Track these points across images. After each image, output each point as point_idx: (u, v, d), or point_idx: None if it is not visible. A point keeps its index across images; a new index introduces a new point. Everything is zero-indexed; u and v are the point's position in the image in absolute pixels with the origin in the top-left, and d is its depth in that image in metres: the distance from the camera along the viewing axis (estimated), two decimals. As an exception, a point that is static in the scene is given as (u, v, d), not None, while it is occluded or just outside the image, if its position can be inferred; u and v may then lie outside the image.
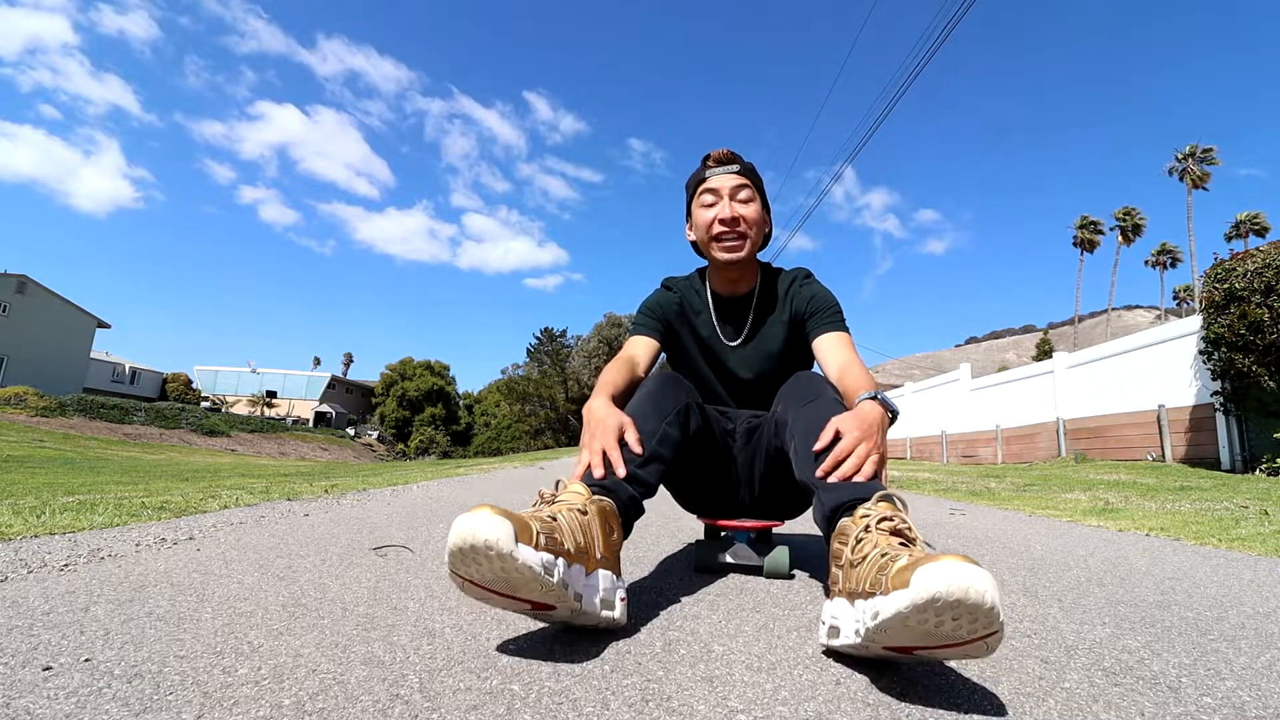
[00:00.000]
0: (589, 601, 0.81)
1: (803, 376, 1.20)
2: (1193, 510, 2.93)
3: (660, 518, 2.23)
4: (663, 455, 1.06)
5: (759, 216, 1.33)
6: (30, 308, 31.52)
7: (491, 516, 0.71)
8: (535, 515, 0.80)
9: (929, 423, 12.55)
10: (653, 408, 1.11)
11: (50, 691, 0.61)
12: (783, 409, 1.16)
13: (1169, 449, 6.74)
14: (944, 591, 0.59)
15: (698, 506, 1.44)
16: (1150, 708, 0.67)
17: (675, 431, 1.10)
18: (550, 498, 0.90)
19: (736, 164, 1.32)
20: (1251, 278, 5.40)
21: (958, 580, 0.59)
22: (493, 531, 0.69)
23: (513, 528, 0.71)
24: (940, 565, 0.61)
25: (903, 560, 0.68)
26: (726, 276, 1.37)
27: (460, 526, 0.71)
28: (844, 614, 0.77)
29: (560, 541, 0.78)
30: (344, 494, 3.17)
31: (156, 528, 1.70)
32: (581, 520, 0.85)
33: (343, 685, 0.65)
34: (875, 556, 0.73)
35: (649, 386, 1.19)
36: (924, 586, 0.60)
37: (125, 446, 15.78)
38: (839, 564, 0.82)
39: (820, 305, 1.33)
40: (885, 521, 0.80)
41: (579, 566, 0.80)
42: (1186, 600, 1.22)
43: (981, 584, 0.59)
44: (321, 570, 1.22)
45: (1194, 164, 39.57)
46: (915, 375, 58.27)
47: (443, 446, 45.04)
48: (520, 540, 0.71)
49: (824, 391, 1.12)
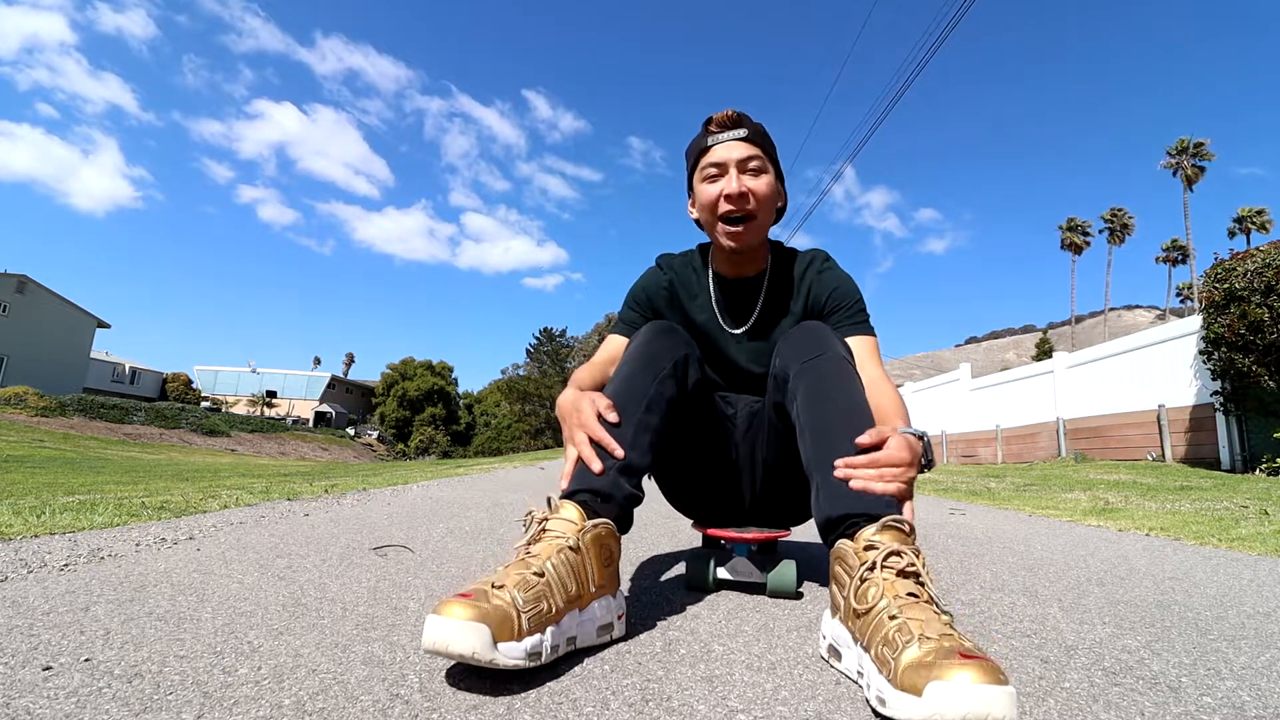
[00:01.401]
0: (585, 637, 0.78)
1: (809, 326, 1.08)
2: (1193, 510, 2.93)
3: (660, 517, 2.23)
4: (654, 425, 0.96)
5: (771, 190, 1.14)
6: (30, 308, 31.53)
7: (463, 625, 0.64)
8: (520, 578, 0.73)
9: (929, 423, 12.55)
10: (643, 365, 1.01)
11: (50, 691, 0.61)
12: (783, 362, 1.05)
13: (1169, 449, 6.74)
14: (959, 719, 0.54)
15: (693, 506, 1.33)
16: (1150, 708, 0.67)
17: (670, 388, 1.00)
18: (540, 527, 0.83)
19: (744, 128, 1.13)
20: (1251, 278, 5.40)
21: (975, 709, 0.54)
22: (466, 644, 0.64)
23: (489, 632, 0.65)
24: (956, 686, 0.55)
25: (913, 650, 0.61)
26: (733, 258, 1.21)
27: (431, 634, 0.65)
28: (846, 644, 0.74)
29: (549, 608, 0.73)
30: (344, 494, 3.17)
31: (156, 528, 1.70)
32: (574, 560, 0.79)
33: (343, 685, 0.65)
34: (884, 618, 0.67)
35: (638, 339, 1.07)
36: (937, 710, 0.55)
37: (125, 446, 15.78)
38: (841, 592, 0.77)
39: (843, 300, 1.19)
40: (893, 558, 0.73)
41: (573, 613, 0.77)
42: (1186, 600, 1.22)
43: (1001, 710, 0.54)
44: (321, 570, 1.22)
45: (1186, 160, 39.55)
46: (915, 375, 58.30)
47: (443, 446, 45.05)
48: (499, 640, 0.66)
49: (830, 346, 1.01)
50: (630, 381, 1.00)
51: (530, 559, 0.77)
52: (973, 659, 0.57)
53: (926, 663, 0.59)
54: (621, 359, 1.08)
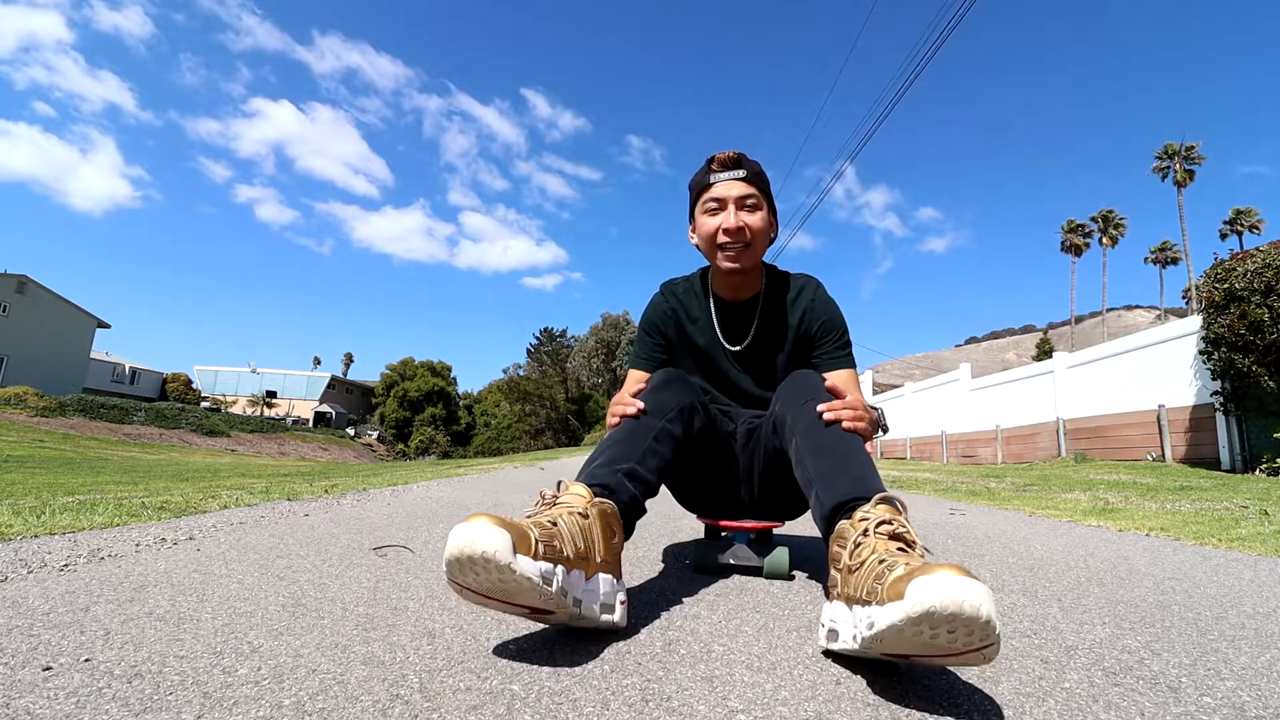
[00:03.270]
0: (588, 606, 0.81)
1: (800, 376, 1.21)
2: (1193, 510, 2.93)
3: (660, 518, 2.23)
4: (663, 453, 1.07)
5: (764, 225, 1.28)
6: (30, 308, 31.54)
7: (489, 526, 0.70)
8: (535, 520, 0.80)
9: (929, 423, 12.55)
10: (655, 405, 1.12)
11: (50, 691, 0.61)
12: (781, 408, 1.17)
13: (1169, 449, 6.74)
14: (938, 605, 0.59)
15: (698, 506, 1.44)
16: (1150, 708, 0.67)
17: (677, 429, 1.11)
18: (551, 499, 0.89)
19: (743, 169, 1.27)
20: (1251, 278, 5.40)
21: (952, 594, 0.59)
22: (490, 543, 0.69)
23: (510, 538, 0.71)
24: (935, 578, 0.61)
25: (899, 570, 0.68)
26: (730, 280, 1.34)
27: (457, 537, 0.70)
28: (842, 618, 0.77)
29: (560, 548, 0.78)
30: (344, 494, 3.17)
31: (156, 528, 1.70)
32: (582, 524, 0.84)
33: (343, 685, 0.65)
34: (873, 563, 0.73)
35: (652, 383, 1.21)
36: (918, 600, 0.60)
37: (125, 446, 15.78)
38: (837, 567, 0.82)
39: (829, 332, 1.33)
40: (884, 525, 0.80)
41: (579, 572, 0.80)
42: (1186, 600, 1.22)
43: (976, 597, 0.59)
44: (321, 570, 1.22)
45: (1178, 163, 39.57)
46: (915, 375, 58.29)
47: (443, 447, 45.02)
48: (518, 550, 0.71)
49: (821, 392, 1.14)
50: (641, 418, 1.11)
51: (542, 514, 0.84)
52: (952, 565, 0.63)
53: (910, 572, 0.65)
54: None
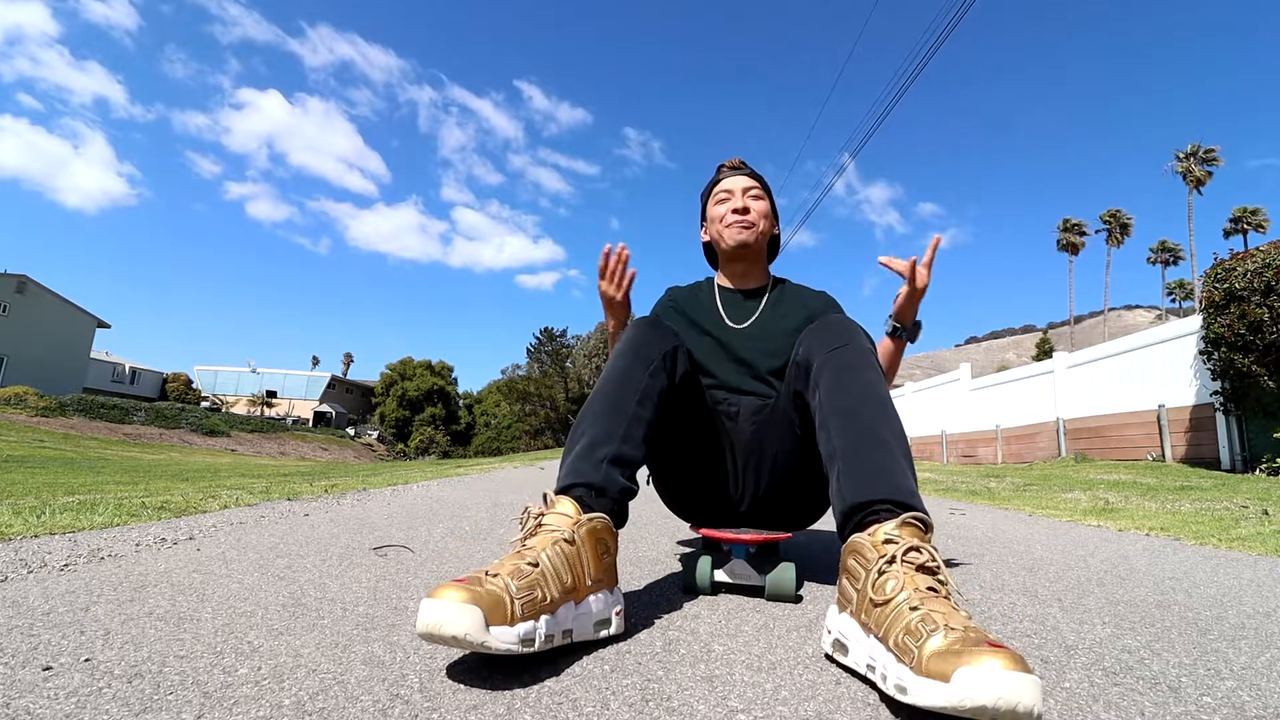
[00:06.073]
0: (581, 631, 0.78)
1: (833, 320, 1.10)
2: (1193, 510, 2.93)
3: (660, 517, 2.22)
4: (647, 417, 0.99)
5: (767, 212, 1.42)
6: (30, 308, 31.52)
7: (457, 606, 0.65)
8: (514, 567, 0.74)
9: (929, 422, 12.54)
10: (633, 358, 1.04)
11: (50, 691, 0.61)
12: (806, 350, 1.06)
13: (1169, 449, 6.74)
14: (989, 705, 0.54)
15: (689, 507, 1.34)
16: (1150, 708, 0.67)
17: (661, 380, 1.03)
18: (536, 521, 0.84)
19: (747, 170, 1.45)
20: (1251, 278, 5.40)
21: (1005, 695, 0.54)
22: (459, 625, 0.65)
23: (481, 614, 0.66)
24: (985, 670, 0.55)
25: (937, 640, 0.61)
26: (736, 268, 1.45)
27: (425, 615, 0.66)
28: (856, 640, 0.73)
29: (542, 595, 0.74)
30: (344, 494, 3.17)
31: (156, 528, 1.70)
32: (568, 552, 0.80)
33: (343, 685, 0.65)
34: (904, 609, 0.67)
35: (628, 334, 1.11)
36: (966, 694, 0.55)
37: (125, 446, 15.78)
38: (855, 585, 0.77)
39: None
40: (913, 553, 0.74)
41: (568, 604, 0.77)
42: (1186, 600, 1.22)
43: (1030, 698, 0.54)
44: (321, 570, 1.22)
45: (1195, 164, 39.59)
46: (915, 375, 58.32)
47: (443, 446, 45.02)
48: (491, 623, 0.67)
49: (855, 338, 1.03)
50: (622, 376, 1.03)
51: (525, 551, 0.79)
52: (1000, 648, 0.57)
53: (954, 650, 0.59)
54: (612, 354, 1.11)
